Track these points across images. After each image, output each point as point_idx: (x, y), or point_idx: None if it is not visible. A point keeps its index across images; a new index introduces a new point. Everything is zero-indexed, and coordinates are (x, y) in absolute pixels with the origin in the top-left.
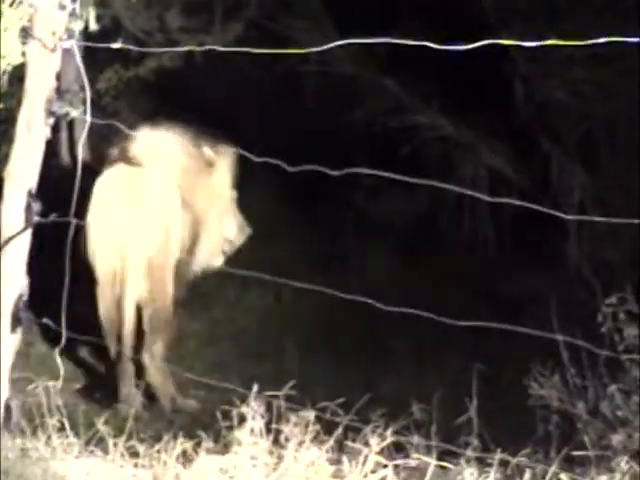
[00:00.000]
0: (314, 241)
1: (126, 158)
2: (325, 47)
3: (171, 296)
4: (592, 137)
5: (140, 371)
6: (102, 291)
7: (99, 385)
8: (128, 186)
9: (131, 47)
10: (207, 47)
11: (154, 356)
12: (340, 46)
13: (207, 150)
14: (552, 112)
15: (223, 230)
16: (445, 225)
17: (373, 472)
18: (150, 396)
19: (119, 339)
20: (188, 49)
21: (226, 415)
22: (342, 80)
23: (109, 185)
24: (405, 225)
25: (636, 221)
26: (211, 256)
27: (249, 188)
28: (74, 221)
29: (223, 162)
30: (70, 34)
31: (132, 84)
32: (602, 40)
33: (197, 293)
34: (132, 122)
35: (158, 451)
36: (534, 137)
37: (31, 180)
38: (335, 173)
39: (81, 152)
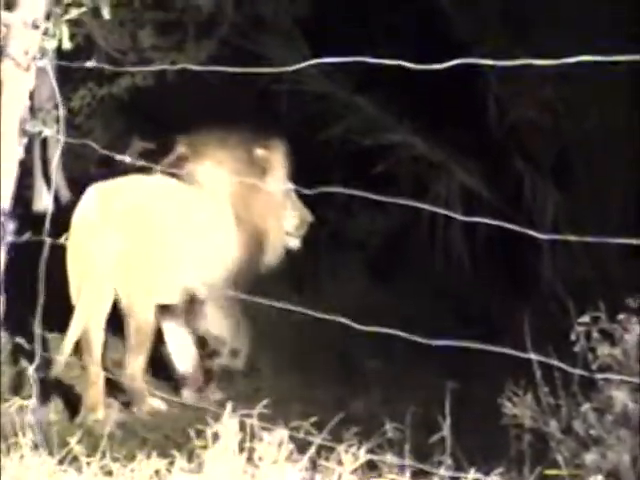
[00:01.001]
0: (287, 260)
1: (178, 174)
2: (299, 66)
3: (152, 313)
4: (565, 156)
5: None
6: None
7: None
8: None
9: (104, 66)
10: (180, 66)
11: (135, 372)
12: (314, 65)
13: (258, 151)
14: (525, 131)
15: (284, 226)
16: (418, 244)
17: None
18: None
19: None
20: (161, 68)
21: (200, 434)
22: (316, 99)
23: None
24: (378, 244)
25: (610, 240)
26: (276, 251)
27: None
28: (48, 240)
29: (275, 158)
30: (44, 53)
31: (106, 102)
32: (572, 60)
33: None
34: (106, 141)
35: (132, 470)
36: (507, 156)
37: (5, 199)
38: (309, 192)
39: (55, 171)
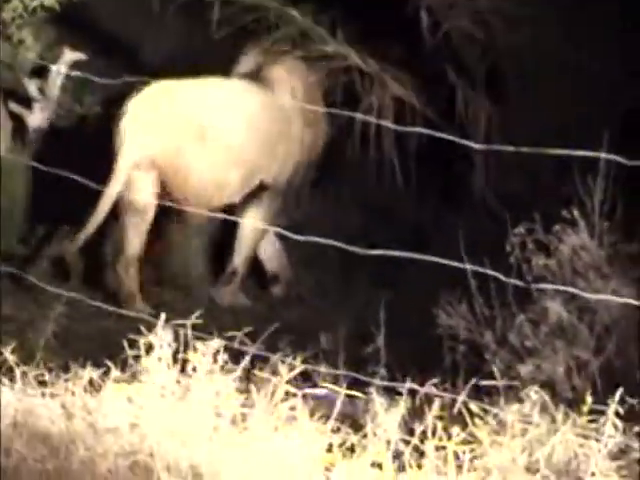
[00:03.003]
0: None
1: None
2: None
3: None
4: (498, 68)
5: None
6: None
7: None
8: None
9: None
10: None
11: (129, 259)
12: None
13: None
14: (458, 42)
15: None
16: (351, 155)
17: (282, 401)
18: None
19: None
20: None
21: (133, 344)
22: (247, 10)
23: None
24: None
25: (545, 151)
26: None
27: None
28: None
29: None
30: None
31: (37, 13)
32: None
33: (106, 221)
34: (37, 52)
35: (66, 380)
36: (440, 68)
37: None
38: None
39: None
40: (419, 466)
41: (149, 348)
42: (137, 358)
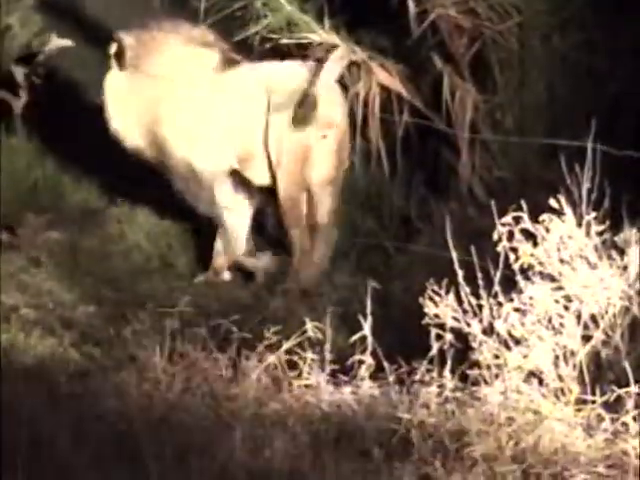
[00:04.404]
0: None
1: None
2: None
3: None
4: (485, 56)
5: None
6: None
7: None
8: None
9: None
10: None
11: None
12: None
13: None
14: (445, 30)
15: None
16: None
17: (267, 389)
18: None
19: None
20: None
21: (119, 333)
22: None
23: None
24: None
25: (531, 140)
26: None
27: None
28: None
29: None
30: None
31: (25, 0)
32: None
33: (88, 211)
34: (24, 38)
35: (52, 367)
36: (427, 55)
37: None
38: None
39: None
40: (406, 455)
41: (135, 336)
42: (123, 345)
